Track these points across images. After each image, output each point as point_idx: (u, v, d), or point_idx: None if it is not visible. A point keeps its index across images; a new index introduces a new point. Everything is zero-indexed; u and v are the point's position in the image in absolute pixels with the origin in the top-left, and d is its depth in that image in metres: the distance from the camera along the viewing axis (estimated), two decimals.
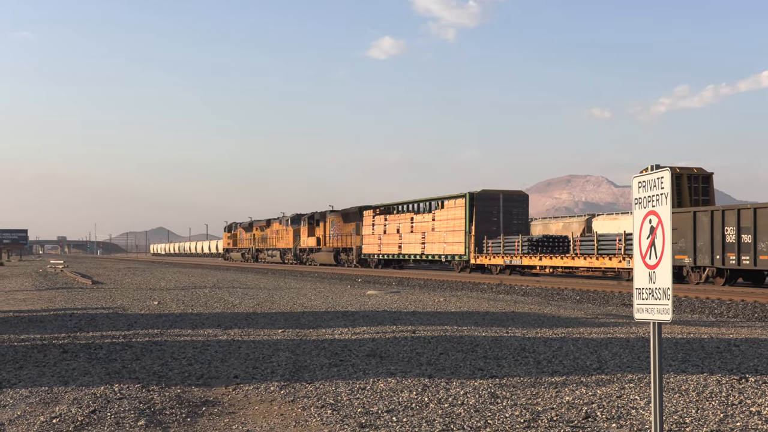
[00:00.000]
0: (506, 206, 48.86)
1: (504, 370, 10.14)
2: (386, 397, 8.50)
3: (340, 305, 20.91)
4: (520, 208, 49.52)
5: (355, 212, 64.40)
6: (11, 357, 11.45)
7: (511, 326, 15.54)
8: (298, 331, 14.73)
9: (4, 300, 23.94)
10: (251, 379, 9.65)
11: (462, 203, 49.13)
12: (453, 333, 14.21)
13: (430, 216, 52.79)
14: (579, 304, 23.01)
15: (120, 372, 10.13)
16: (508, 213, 48.80)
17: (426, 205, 54.45)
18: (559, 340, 13.20)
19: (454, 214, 49.85)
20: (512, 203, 49.20)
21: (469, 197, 48.62)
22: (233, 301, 22.26)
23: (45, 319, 17.19)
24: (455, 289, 30.50)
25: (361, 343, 12.89)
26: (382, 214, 59.55)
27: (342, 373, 10.02)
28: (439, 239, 51.23)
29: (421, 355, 11.44)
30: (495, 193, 49.10)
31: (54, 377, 9.76)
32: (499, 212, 48.66)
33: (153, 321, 16.74)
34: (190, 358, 11.30)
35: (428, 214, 53.34)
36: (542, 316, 17.88)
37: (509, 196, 49.33)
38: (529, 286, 31.40)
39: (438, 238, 51.40)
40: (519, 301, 23.76)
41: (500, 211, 48.70)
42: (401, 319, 16.83)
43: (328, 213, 68.62)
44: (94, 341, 13.24)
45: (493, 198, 48.81)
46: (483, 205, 48.46)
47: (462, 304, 21.57)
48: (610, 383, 9.26)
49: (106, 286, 32.24)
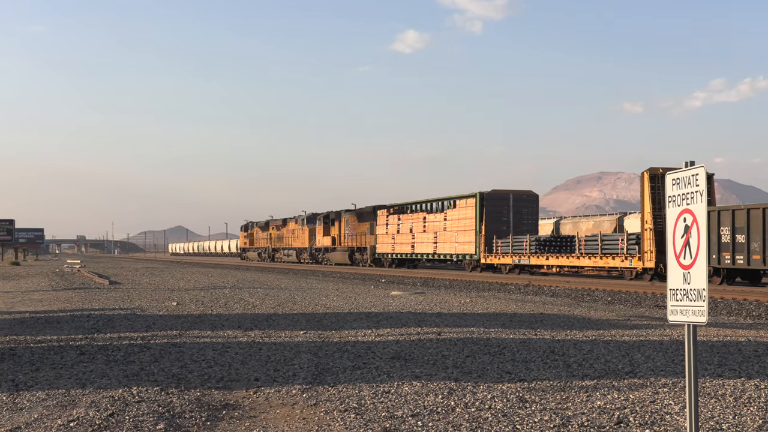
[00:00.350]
0: (516, 206, 50.15)
1: (533, 374, 10.10)
2: (411, 400, 8.50)
3: (363, 306, 20.92)
4: (530, 208, 50.80)
5: (369, 212, 65.85)
6: (28, 359, 11.54)
7: (540, 328, 15.48)
8: (320, 332, 14.75)
9: (21, 300, 24.15)
10: (272, 381, 9.68)
11: (473, 203, 50.35)
12: (480, 335, 14.18)
13: (442, 216, 54.22)
14: (610, 305, 22.90)
15: (138, 374, 10.19)
16: (518, 213, 50.08)
17: (438, 205, 55.92)
18: (590, 343, 13.14)
19: (465, 213, 51.16)
20: (522, 203, 50.43)
21: (479, 197, 49.78)
22: (254, 302, 22.33)
23: (62, 320, 17.32)
24: (482, 290, 30.45)
25: (385, 345, 12.89)
26: (396, 214, 60.99)
27: (365, 375, 10.03)
28: (451, 239, 52.60)
29: (447, 358, 11.42)
30: (505, 193, 50.23)
31: (71, 379, 9.83)
32: (509, 212, 49.93)
33: (172, 322, 16.82)
34: (209, 360, 11.35)
35: (440, 213, 54.80)
36: (572, 318, 17.81)
37: (519, 196, 50.46)
38: (558, 287, 31.28)
39: (450, 237, 52.79)
40: (548, 302, 23.67)
41: (510, 211, 49.97)
42: (426, 321, 16.81)
43: (343, 213, 70.40)
44: (111, 343, 13.33)
45: (503, 198, 50.01)
46: (493, 205, 49.73)
47: (489, 305, 21.52)
48: (643, 387, 9.20)
49: (123, 286, 32.45)
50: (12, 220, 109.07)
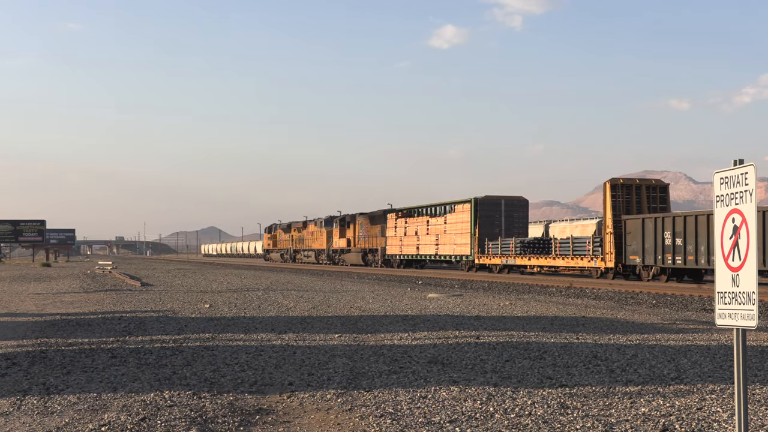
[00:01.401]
0: (507, 211, 55.90)
1: (574, 379, 10.05)
2: (449, 406, 8.49)
3: (399, 309, 20.93)
4: (520, 213, 56.73)
5: (381, 215, 71.60)
6: (59, 362, 11.67)
7: (582, 332, 15.40)
8: (355, 336, 14.78)
9: (51, 302, 24.43)
10: (307, 386, 9.71)
11: (468, 208, 55.81)
12: (519, 339, 14.13)
13: (443, 219, 59.70)
14: (655, 308, 22.72)
15: (170, 378, 10.27)
16: (509, 217, 55.82)
17: (441, 209, 61.50)
18: (634, 347, 13.04)
19: (462, 218, 56.69)
20: (513, 208, 56.26)
21: (474, 203, 55.29)
22: (288, 305, 22.41)
23: (93, 323, 17.50)
24: (521, 293, 30.34)
25: (422, 349, 12.89)
26: (404, 217, 66.71)
27: (402, 380, 10.03)
28: (450, 241, 58.04)
29: (486, 362, 11.40)
30: (497, 198, 56.06)
31: (102, 383, 9.93)
32: (501, 216, 55.55)
33: (204, 325, 16.93)
34: (242, 363, 11.41)
35: (441, 217, 60.35)
36: (615, 321, 17.69)
37: (510, 201, 56.26)
38: (601, 290, 31.10)
39: (449, 240, 58.23)
40: (590, 305, 23.54)
41: (502, 215, 55.63)
42: (464, 324, 16.78)
43: (357, 216, 76.11)
44: (143, 346, 13.44)
45: (495, 203, 55.76)
46: (486, 210, 55.25)
47: (529, 308, 21.44)
48: (689, 394, 9.12)
49: (155, 288, 32.72)
50: (43, 220, 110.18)
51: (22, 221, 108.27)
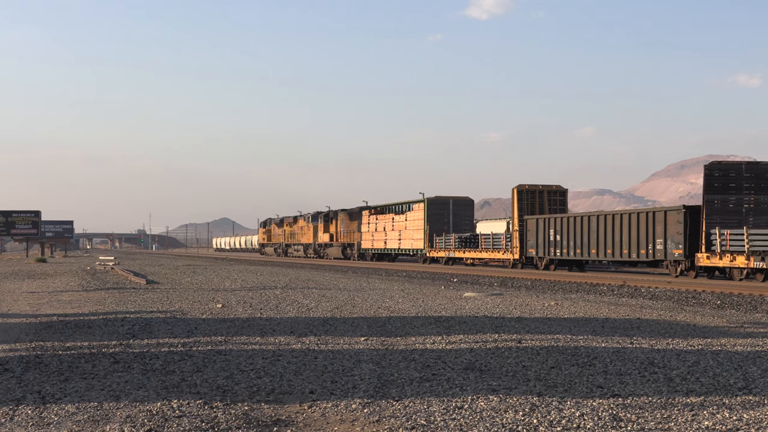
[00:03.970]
0: (455, 209, 69.93)
1: (628, 388, 10.02)
2: (487, 417, 8.48)
3: (432, 309, 20.94)
4: (467, 211, 71.32)
5: (357, 212, 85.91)
6: (56, 367, 11.77)
7: (637, 336, 15.34)
8: (383, 339, 14.80)
9: (48, 302, 24.65)
10: (329, 394, 9.74)
11: (422, 207, 69.75)
12: (566, 343, 14.11)
13: (404, 217, 73.81)
14: (719, 309, 22.59)
15: (179, 385, 10.33)
16: (457, 215, 69.84)
17: (404, 207, 75.42)
18: (696, 353, 12.98)
19: (418, 215, 70.54)
20: (460, 207, 70.55)
21: (426, 202, 69.23)
22: (308, 304, 22.48)
23: (93, 324, 17.64)
24: (568, 291, 30.28)
25: (457, 354, 12.89)
26: (375, 214, 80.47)
27: (435, 388, 10.04)
28: (410, 236, 72.18)
29: (529, 369, 11.38)
30: (446, 198, 70.29)
31: (104, 391, 10.00)
32: (449, 214, 69.53)
33: (216, 327, 17.02)
34: (259, 369, 11.46)
35: (403, 215, 74.32)
36: (674, 324, 17.61)
37: (458, 201, 70.67)
38: (658, 288, 30.97)
39: (409, 235, 72.37)
40: (646, 305, 23.44)
41: (450, 213, 69.61)
42: (504, 327, 16.77)
43: (339, 212, 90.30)
44: (149, 350, 13.53)
45: (444, 203, 69.97)
46: (435, 208, 69.28)
47: (577, 308, 21.39)
48: (759, 406, 9.07)
49: (162, 286, 32.93)
50: (38, 211, 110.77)
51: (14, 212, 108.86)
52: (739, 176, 39.02)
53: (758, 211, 38.84)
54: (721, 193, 38.81)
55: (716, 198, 38.79)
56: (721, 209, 38.68)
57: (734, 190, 38.85)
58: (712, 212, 38.58)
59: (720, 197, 38.81)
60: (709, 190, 38.82)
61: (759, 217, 38.77)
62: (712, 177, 38.93)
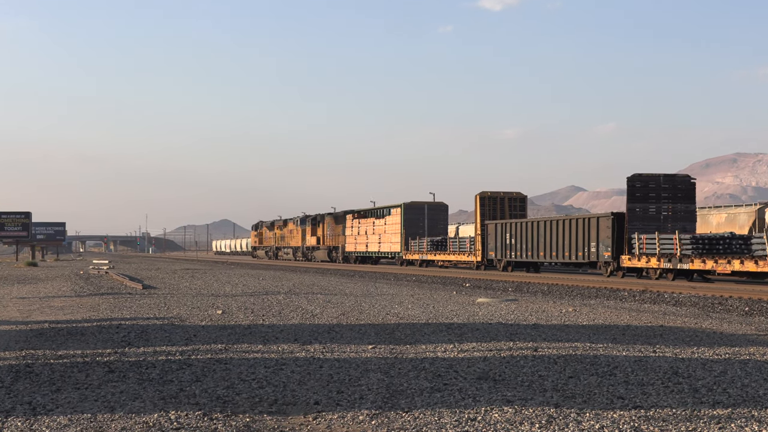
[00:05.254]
0: (430, 214, 77.73)
1: (651, 399, 10.00)
2: (501, 430, 8.48)
3: (443, 316, 20.95)
4: (442, 216, 79.03)
5: (342, 216, 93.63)
6: (47, 377, 11.79)
7: (660, 344, 15.33)
8: (392, 347, 14.81)
9: (39, 308, 24.69)
10: (335, 405, 9.74)
11: (399, 212, 77.85)
12: (585, 351, 14.10)
13: (384, 221, 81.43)
14: (748, 317, 22.56)
15: (177, 396, 10.34)
16: (432, 219, 77.51)
17: (384, 212, 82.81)
18: (723, 363, 12.96)
19: (396, 220, 78.57)
20: (435, 211, 78.39)
21: (403, 207, 77.29)
22: (313, 310, 22.50)
23: (87, 332, 17.66)
24: (587, 297, 30.25)
25: (470, 362, 12.89)
26: (358, 218, 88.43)
27: (447, 399, 10.04)
28: (388, 240, 79.97)
29: (545, 379, 11.38)
30: (421, 204, 78.33)
31: (98, 402, 10.01)
32: (424, 219, 77.20)
33: (216, 334, 17.04)
34: (261, 379, 11.47)
35: (383, 219, 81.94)
36: (700, 332, 17.59)
37: (432, 206, 78.89)
38: (682, 294, 30.92)
39: (388, 238, 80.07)
40: (669, 312, 23.42)
41: (425, 218, 77.34)
42: (520, 334, 16.77)
43: (325, 215, 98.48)
44: (145, 358, 13.55)
45: (419, 208, 77.85)
46: (411, 213, 77.09)
47: (596, 315, 21.37)
48: None
49: (159, 291, 32.98)
50: (28, 212, 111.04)
51: (3, 213, 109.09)
52: (658, 187, 46.56)
53: (675, 218, 46.46)
54: (641, 202, 46.36)
55: (637, 206, 46.40)
56: (642, 216, 46.26)
57: (654, 199, 46.45)
58: (633, 219, 46.16)
59: (641, 205, 46.41)
60: (631, 199, 46.55)
61: (676, 223, 46.07)
62: (634, 187, 46.41)
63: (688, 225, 46.52)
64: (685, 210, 46.88)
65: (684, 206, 46.84)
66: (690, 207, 47.09)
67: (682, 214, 46.80)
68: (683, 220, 46.70)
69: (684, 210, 46.84)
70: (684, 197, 46.90)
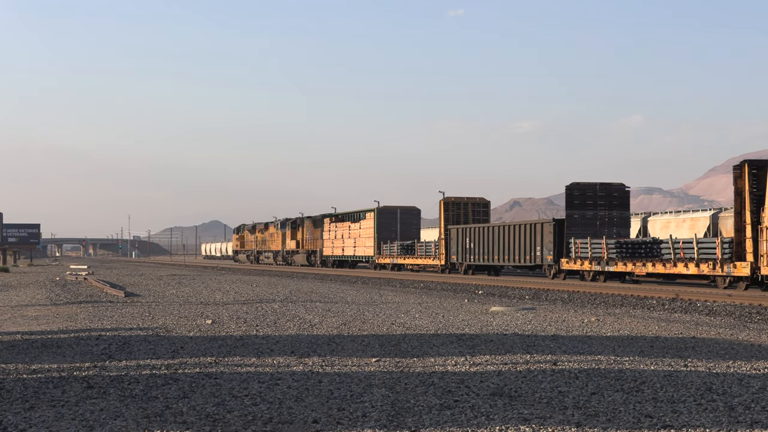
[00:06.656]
0: (403, 218, 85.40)
1: (682, 418, 9.99)
2: None
3: (454, 326, 20.94)
4: (414, 220, 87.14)
5: (320, 219, 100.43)
6: (19, 394, 11.79)
7: (692, 357, 15.31)
8: (397, 360, 14.81)
9: (10, 318, 24.72)
10: (336, 424, 9.74)
11: (372, 216, 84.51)
12: (609, 365, 14.09)
13: (359, 225, 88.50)
14: None
15: (162, 414, 10.34)
16: (404, 223, 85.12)
17: (359, 215, 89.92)
18: (761, 378, 12.95)
19: (369, 224, 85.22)
20: (407, 216, 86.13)
21: (376, 211, 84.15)
22: (311, 320, 22.51)
23: (63, 343, 17.67)
24: (611, 305, 30.25)
25: (483, 377, 12.89)
26: (335, 222, 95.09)
27: (457, 417, 10.04)
28: (363, 243, 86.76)
29: (566, 395, 11.37)
30: (393, 208, 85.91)
31: (75, 421, 10.01)
32: (397, 223, 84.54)
33: (205, 346, 17.05)
34: (254, 395, 11.47)
35: (358, 223, 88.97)
36: (735, 344, 17.57)
37: (405, 210, 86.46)
38: (716, 302, 30.90)
39: (362, 242, 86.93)
40: (702, 321, 23.40)
41: (398, 222, 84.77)
42: (538, 346, 16.76)
43: (305, 219, 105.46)
44: (127, 373, 13.55)
45: (392, 212, 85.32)
46: (384, 217, 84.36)
47: (621, 325, 21.36)
48: None
49: (143, 299, 33.00)
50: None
51: None
52: (594, 194, 53.98)
53: (610, 224, 54.10)
54: (579, 209, 53.58)
55: (575, 212, 53.60)
56: (580, 222, 53.36)
57: (591, 207, 53.79)
58: (571, 224, 53.39)
59: (578, 212, 53.59)
60: (569, 206, 53.86)
61: (611, 228, 53.70)
62: (572, 195, 53.95)
63: (622, 230, 54.32)
64: (619, 216, 54.43)
65: (619, 213, 54.43)
66: (624, 213, 54.79)
67: (617, 220, 54.67)
68: (618, 225, 54.61)
69: (619, 216, 54.39)
70: (619, 204, 54.54)
